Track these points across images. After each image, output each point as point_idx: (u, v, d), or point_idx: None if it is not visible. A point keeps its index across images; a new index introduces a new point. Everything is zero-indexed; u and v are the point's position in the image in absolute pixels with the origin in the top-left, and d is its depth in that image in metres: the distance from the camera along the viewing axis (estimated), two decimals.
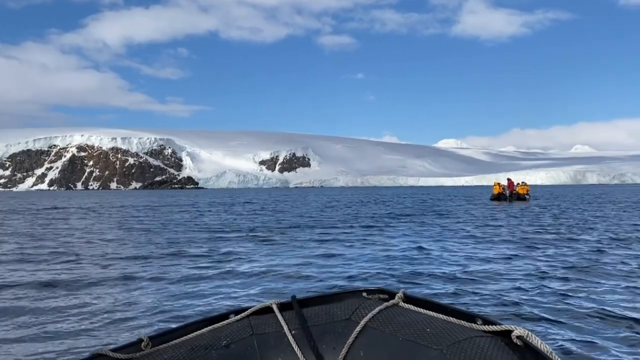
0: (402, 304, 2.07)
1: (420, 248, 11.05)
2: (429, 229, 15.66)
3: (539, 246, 11.30)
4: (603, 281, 7.16)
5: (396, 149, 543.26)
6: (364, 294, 2.25)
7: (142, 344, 1.93)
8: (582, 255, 9.88)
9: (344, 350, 1.98)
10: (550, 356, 1.45)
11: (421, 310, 1.98)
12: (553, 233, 14.16)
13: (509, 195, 38.07)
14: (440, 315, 1.89)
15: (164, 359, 1.87)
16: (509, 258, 9.57)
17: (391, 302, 2.09)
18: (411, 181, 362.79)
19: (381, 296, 2.20)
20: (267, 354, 2.03)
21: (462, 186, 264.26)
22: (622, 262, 8.99)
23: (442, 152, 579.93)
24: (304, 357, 1.99)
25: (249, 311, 2.18)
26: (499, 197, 38.33)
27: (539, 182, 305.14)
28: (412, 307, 2.02)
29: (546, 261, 9.15)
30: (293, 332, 2.07)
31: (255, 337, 2.06)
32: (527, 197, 38.84)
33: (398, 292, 2.14)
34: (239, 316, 2.16)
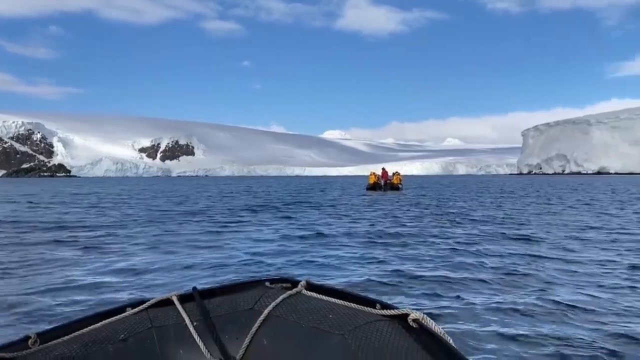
0: (304, 292, 2.09)
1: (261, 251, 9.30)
2: (284, 223, 14.86)
3: (384, 239, 11.67)
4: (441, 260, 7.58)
5: (283, 138, 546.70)
6: (267, 284, 2.24)
7: (29, 341, 1.82)
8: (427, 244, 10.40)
9: (247, 340, 1.99)
10: (443, 337, 1.54)
11: (324, 297, 2.01)
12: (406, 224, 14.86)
13: (384, 184, 39.76)
14: (342, 302, 1.92)
15: (54, 356, 1.78)
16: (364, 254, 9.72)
17: (294, 290, 2.10)
18: (298, 171, 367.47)
19: (284, 285, 2.20)
20: (167, 346, 1.99)
21: (346, 176, 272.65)
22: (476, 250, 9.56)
23: (328, 142, 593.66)
24: (206, 348, 1.97)
25: (147, 304, 2.11)
26: (374, 187, 39.80)
27: (414, 172, 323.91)
28: (314, 294, 2.04)
29: (387, 251, 9.44)
30: (195, 323, 2.04)
31: (154, 330, 2.01)
32: (400, 186, 40.83)
33: (301, 281, 2.15)
34: (136, 309, 2.09)
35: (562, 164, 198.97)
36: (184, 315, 2.05)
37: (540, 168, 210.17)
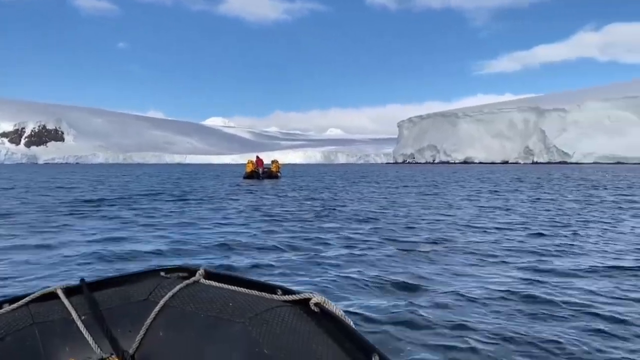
0: (203, 280, 2.02)
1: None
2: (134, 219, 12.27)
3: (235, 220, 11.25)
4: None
5: (162, 125, 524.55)
6: (163, 273, 2.14)
7: None
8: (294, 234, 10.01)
9: (141, 332, 1.90)
10: (344, 319, 1.56)
11: (223, 285, 1.94)
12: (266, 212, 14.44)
13: (262, 173, 39.21)
14: (243, 289, 1.89)
15: None
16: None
17: (192, 279, 2.03)
18: (178, 158, 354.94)
19: (181, 274, 2.11)
20: (51, 343, 1.85)
21: (229, 164, 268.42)
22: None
23: (210, 130, 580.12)
24: (95, 343, 1.87)
25: (27, 298, 1.95)
26: (251, 175, 39.10)
27: (297, 161, 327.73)
28: (213, 283, 1.98)
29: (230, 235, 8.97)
30: (83, 317, 1.92)
31: (36, 326, 1.86)
32: (279, 174, 40.55)
33: (199, 269, 2.07)
34: (15, 305, 1.93)
35: (433, 154, 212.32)
36: (70, 309, 1.91)
37: (414, 157, 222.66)
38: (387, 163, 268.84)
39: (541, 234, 9.45)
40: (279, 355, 1.56)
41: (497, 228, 10.42)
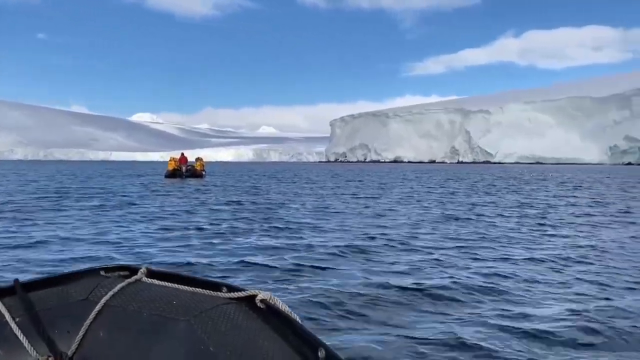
0: (145, 279, 1.96)
1: None
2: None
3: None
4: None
5: (87, 120, 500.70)
6: (102, 272, 2.06)
7: None
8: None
9: (80, 333, 1.83)
10: (291, 315, 1.56)
11: (166, 284, 1.90)
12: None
13: (185, 171, 37.35)
14: (186, 287, 1.85)
15: None
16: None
17: (133, 278, 1.96)
18: (103, 155, 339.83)
19: (122, 273, 2.05)
20: None
21: (156, 161, 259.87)
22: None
23: (137, 126, 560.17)
24: (31, 345, 1.78)
25: None
26: (174, 174, 37.17)
27: (229, 159, 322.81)
28: (156, 281, 1.93)
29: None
30: (17, 319, 1.83)
31: None
32: (203, 173, 38.83)
33: (141, 268, 2.02)
34: None
35: (365, 152, 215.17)
36: (3, 310, 1.83)
37: (346, 156, 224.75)
38: (319, 162, 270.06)
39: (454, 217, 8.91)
40: (224, 353, 1.55)
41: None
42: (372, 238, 9.13)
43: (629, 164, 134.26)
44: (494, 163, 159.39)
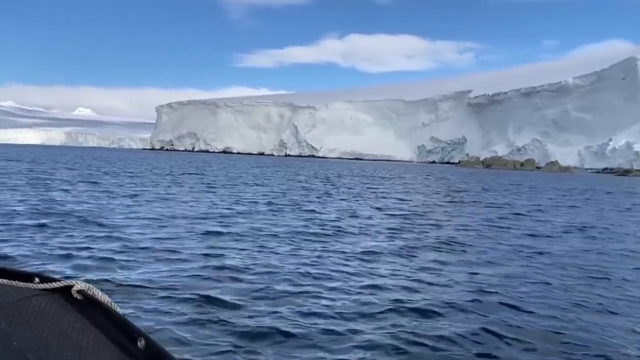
0: None
1: None
2: None
3: None
4: None
5: None
6: None
7: None
8: None
9: None
10: (110, 306, 1.51)
11: None
12: None
13: None
14: None
15: None
16: None
17: None
18: None
19: None
20: None
21: None
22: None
23: None
24: None
25: None
26: None
27: (37, 142, 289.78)
28: None
29: None
30: None
31: None
32: None
33: None
34: None
35: (193, 141, 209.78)
36: None
37: (172, 144, 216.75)
38: (143, 149, 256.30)
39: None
40: (32, 347, 1.41)
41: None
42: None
43: (433, 162, 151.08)
44: (319, 157, 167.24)
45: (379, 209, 16.31)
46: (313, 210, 14.88)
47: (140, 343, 1.32)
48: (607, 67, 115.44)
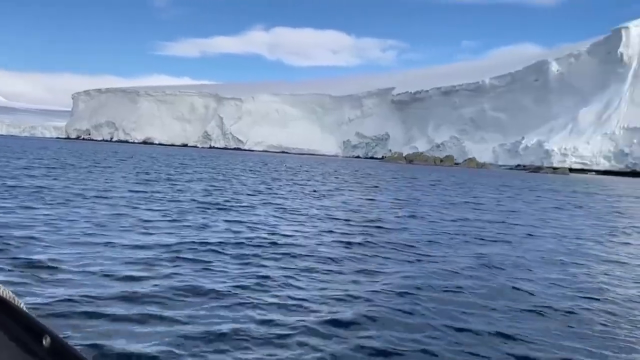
0: None
1: None
2: None
3: None
4: None
5: None
6: None
7: None
8: None
9: None
10: (14, 302, 1.39)
11: None
12: None
13: None
14: None
15: None
16: None
17: None
18: None
19: None
20: None
21: None
22: None
23: None
24: None
25: None
26: None
27: None
28: None
29: None
30: None
31: None
32: None
33: None
34: None
35: (112, 131, 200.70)
36: None
37: (90, 134, 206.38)
38: (57, 138, 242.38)
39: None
40: None
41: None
42: None
43: (358, 157, 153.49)
44: (245, 150, 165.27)
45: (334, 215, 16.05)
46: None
47: (46, 341, 1.25)
48: (520, 69, 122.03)
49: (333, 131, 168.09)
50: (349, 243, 9.29)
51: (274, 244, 8.70)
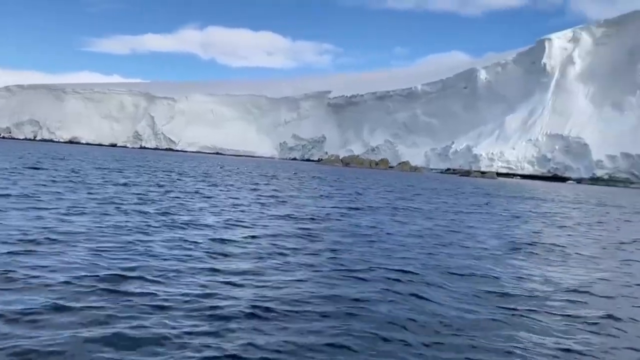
0: None
1: None
2: None
3: None
4: None
5: None
6: None
7: None
8: None
9: None
10: None
11: None
12: None
13: None
14: None
15: None
16: None
17: None
18: None
19: None
20: None
21: None
22: None
23: None
24: None
25: None
26: None
27: None
28: None
29: None
30: None
31: None
32: None
33: None
34: None
35: (35, 129, 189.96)
36: None
37: (10, 132, 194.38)
38: None
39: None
40: None
41: None
42: None
43: (294, 159, 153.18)
44: (177, 151, 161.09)
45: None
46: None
47: None
48: (451, 77, 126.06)
49: (269, 133, 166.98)
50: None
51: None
